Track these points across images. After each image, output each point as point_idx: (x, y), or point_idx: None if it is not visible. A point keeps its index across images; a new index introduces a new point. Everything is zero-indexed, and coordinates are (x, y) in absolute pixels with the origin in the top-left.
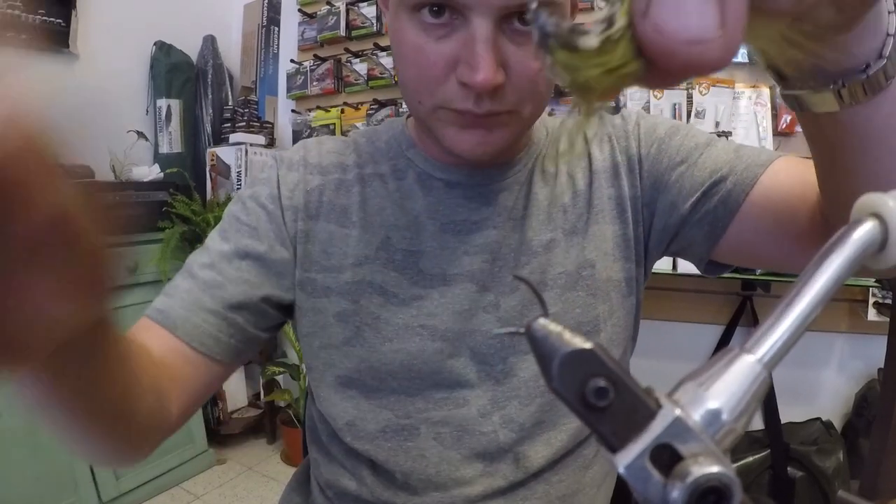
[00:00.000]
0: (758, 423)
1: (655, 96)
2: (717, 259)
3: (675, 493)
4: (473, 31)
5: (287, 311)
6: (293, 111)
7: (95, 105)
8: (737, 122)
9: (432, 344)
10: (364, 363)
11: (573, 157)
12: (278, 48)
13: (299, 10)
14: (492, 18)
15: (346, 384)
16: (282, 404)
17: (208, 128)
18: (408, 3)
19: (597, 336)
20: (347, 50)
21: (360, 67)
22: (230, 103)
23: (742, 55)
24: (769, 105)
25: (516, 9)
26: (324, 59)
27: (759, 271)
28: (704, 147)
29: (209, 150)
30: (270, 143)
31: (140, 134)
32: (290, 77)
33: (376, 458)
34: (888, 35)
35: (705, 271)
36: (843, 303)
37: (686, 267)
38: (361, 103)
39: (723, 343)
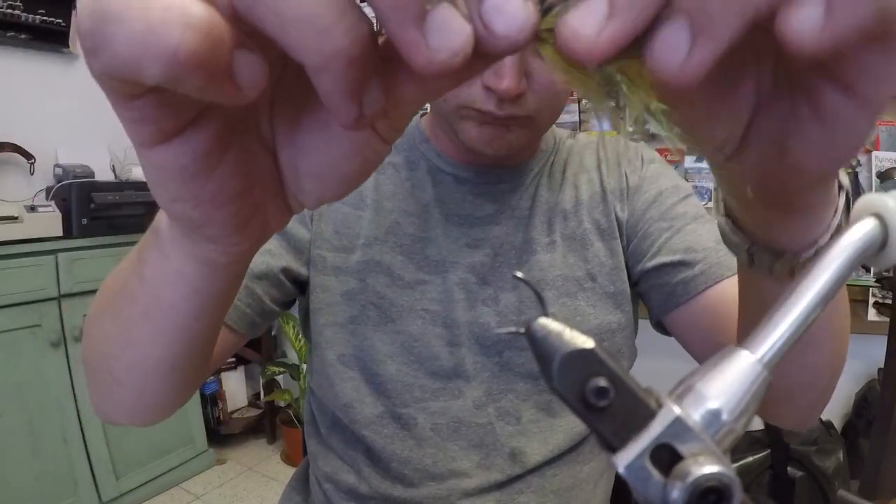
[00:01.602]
0: (758, 423)
1: None
2: (665, 326)
3: (675, 492)
4: None
5: (301, 286)
6: None
7: (95, 105)
8: None
9: (433, 328)
10: (367, 341)
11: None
12: None
13: None
14: None
15: (347, 364)
16: (282, 404)
17: None
18: None
19: None
20: None
21: None
22: None
23: None
24: None
25: None
26: None
27: None
28: (693, 220)
29: None
30: None
31: None
32: None
33: (374, 445)
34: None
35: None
36: None
37: None
38: None
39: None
